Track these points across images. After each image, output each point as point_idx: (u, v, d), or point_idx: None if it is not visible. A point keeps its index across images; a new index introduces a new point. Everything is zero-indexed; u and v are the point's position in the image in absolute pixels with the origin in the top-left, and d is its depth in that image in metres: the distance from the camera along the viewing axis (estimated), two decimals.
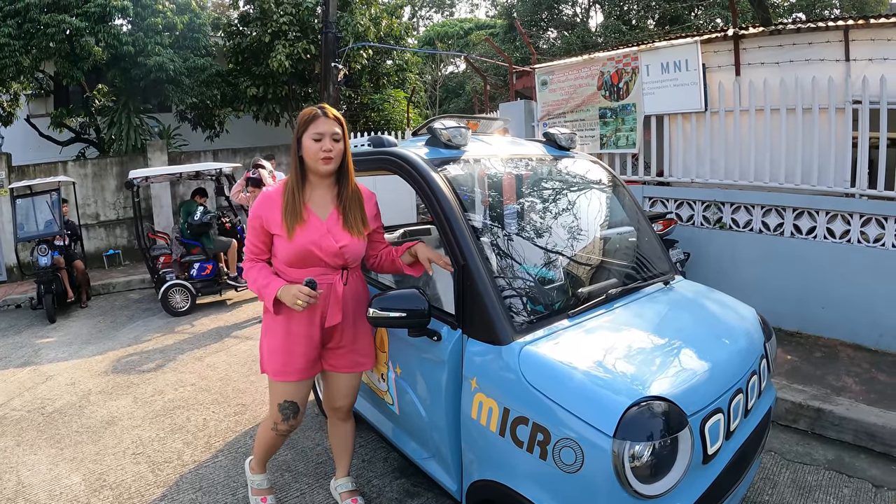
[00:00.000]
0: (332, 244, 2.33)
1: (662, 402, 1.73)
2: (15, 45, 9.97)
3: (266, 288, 2.33)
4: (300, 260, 2.34)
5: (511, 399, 1.92)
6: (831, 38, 4.96)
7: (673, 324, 2.32)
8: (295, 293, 2.20)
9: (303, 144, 2.32)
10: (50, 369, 5.40)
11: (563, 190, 2.88)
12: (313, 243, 2.30)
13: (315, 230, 2.32)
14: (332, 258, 2.35)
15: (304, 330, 2.41)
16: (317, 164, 2.30)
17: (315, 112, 2.32)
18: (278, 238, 2.36)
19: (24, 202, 8.12)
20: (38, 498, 3.21)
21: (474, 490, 2.15)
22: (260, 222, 2.37)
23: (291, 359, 2.43)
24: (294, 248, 2.30)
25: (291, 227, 2.29)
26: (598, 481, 1.68)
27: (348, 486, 2.90)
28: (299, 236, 2.30)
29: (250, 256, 2.46)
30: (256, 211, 2.39)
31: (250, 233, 2.43)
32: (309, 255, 2.32)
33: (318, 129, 2.28)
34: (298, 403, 2.54)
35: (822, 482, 3.09)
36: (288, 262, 2.37)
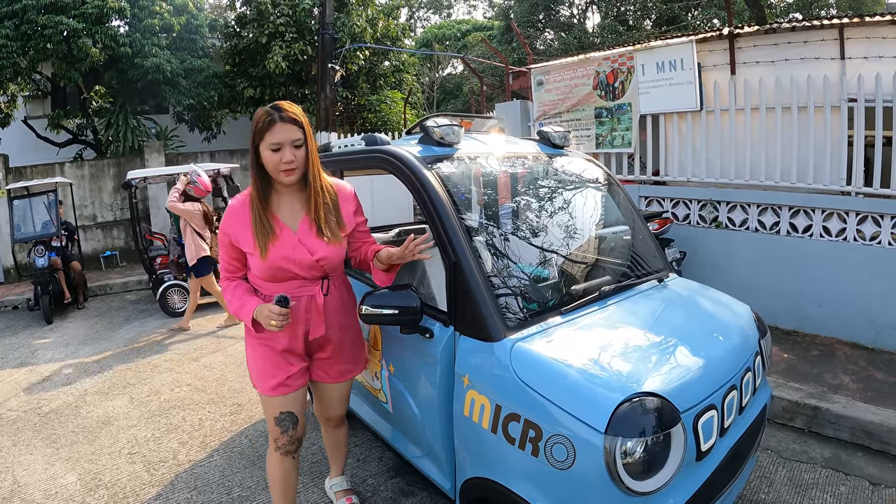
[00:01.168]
0: (306, 257, 2.17)
1: (655, 398, 1.72)
2: (12, 47, 9.97)
3: (242, 309, 2.18)
4: (274, 276, 2.19)
5: (503, 396, 1.92)
6: (826, 37, 4.98)
7: (666, 321, 2.31)
8: (267, 314, 2.05)
9: (261, 155, 2.09)
10: (46, 370, 5.39)
11: (557, 188, 2.87)
12: (286, 259, 2.14)
13: (286, 243, 2.15)
14: (308, 271, 2.20)
15: (287, 344, 2.28)
16: (278, 176, 2.10)
17: (270, 116, 2.05)
18: (250, 255, 2.18)
19: (21, 203, 8.12)
20: (33, 497, 3.20)
21: (468, 488, 2.14)
22: (229, 239, 2.19)
23: (278, 373, 2.29)
24: (266, 265, 2.14)
25: (264, 245, 2.11)
26: (589, 478, 1.67)
27: (343, 486, 2.89)
28: (271, 253, 2.12)
29: (225, 275, 2.30)
30: (224, 227, 2.20)
31: (222, 251, 2.26)
32: (282, 271, 2.17)
33: (275, 137, 2.04)
34: (295, 413, 2.37)
35: (819, 480, 3.09)
36: (262, 278, 2.21)
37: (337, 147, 3.17)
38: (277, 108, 2.06)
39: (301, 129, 2.09)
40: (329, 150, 3.18)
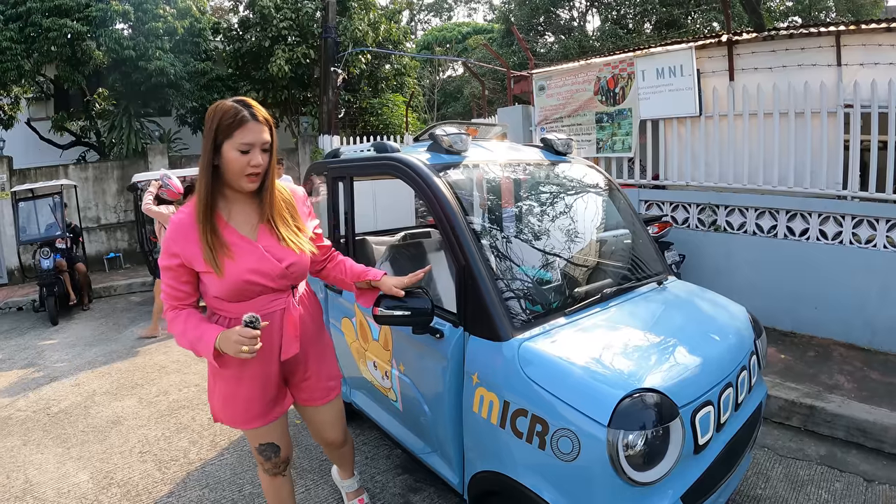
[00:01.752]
0: (274, 266, 1.95)
1: (655, 394, 1.82)
2: (17, 49, 10.07)
3: (199, 342, 1.86)
4: (240, 293, 1.93)
5: (511, 392, 2.01)
6: (823, 44, 5.07)
7: (665, 321, 2.41)
8: (236, 339, 1.76)
9: (223, 155, 1.85)
10: (54, 370, 5.46)
11: (560, 193, 2.97)
12: (253, 271, 1.91)
13: (249, 255, 1.92)
14: (277, 281, 1.98)
15: (258, 370, 2.03)
16: (240, 180, 1.88)
17: (241, 113, 1.82)
18: (205, 274, 1.90)
19: (26, 205, 8.22)
20: (46, 496, 3.27)
21: (476, 482, 2.23)
22: (178, 261, 1.89)
23: (250, 405, 2.07)
24: (229, 282, 1.88)
25: (220, 262, 1.86)
26: (594, 469, 1.76)
27: (354, 486, 2.87)
28: (231, 268, 1.88)
29: (171, 304, 1.96)
30: (171, 247, 1.89)
31: (165, 275, 1.92)
32: (250, 285, 1.92)
33: (247, 137, 1.82)
34: (276, 442, 2.21)
35: (815, 476, 3.16)
36: (226, 298, 1.94)
37: (347, 153, 3.25)
38: (246, 104, 1.85)
39: (270, 132, 1.90)
40: (338, 157, 3.27)
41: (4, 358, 6.01)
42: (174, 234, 1.89)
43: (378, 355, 2.88)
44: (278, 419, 2.19)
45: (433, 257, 3.64)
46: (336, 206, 3.23)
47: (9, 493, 3.31)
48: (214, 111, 1.84)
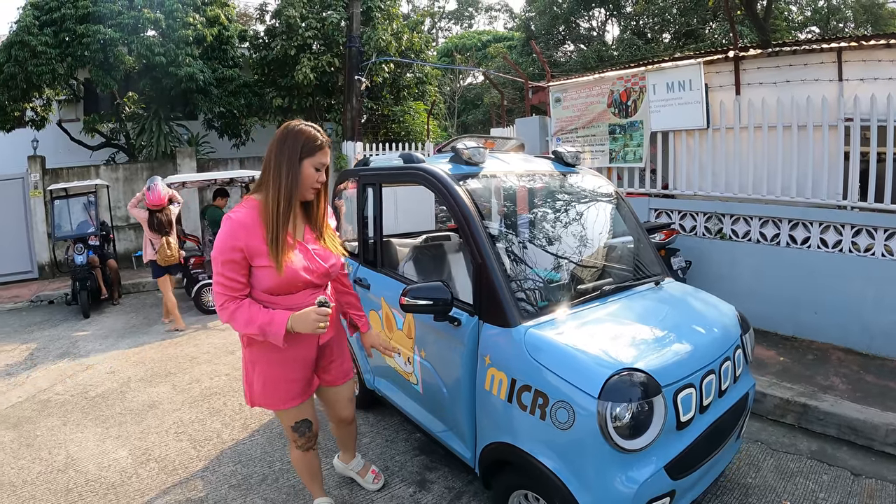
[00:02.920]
0: (319, 265, 2.30)
1: (640, 373, 2.11)
2: (51, 53, 10.44)
3: (271, 325, 2.13)
4: (289, 286, 2.23)
5: (518, 371, 2.32)
6: (825, 59, 5.28)
7: (657, 315, 2.69)
8: (315, 317, 2.12)
9: (303, 171, 2.21)
10: (89, 359, 5.75)
11: (568, 201, 3.26)
12: (304, 269, 2.24)
13: (300, 254, 2.26)
14: (322, 279, 2.34)
15: (300, 353, 2.38)
16: (306, 192, 2.24)
17: (321, 141, 2.24)
18: (262, 269, 2.18)
19: (60, 203, 8.57)
20: (87, 469, 3.55)
21: (487, 453, 2.53)
22: (242, 255, 2.15)
23: (291, 386, 2.40)
24: (286, 278, 2.18)
25: (282, 255, 2.16)
26: (586, 436, 2.05)
27: (361, 463, 3.18)
28: (288, 266, 2.18)
29: (229, 295, 2.18)
30: (234, 243, 2.14)
31: (226, 268, 2.15)
32: (299, 279, 2.23)
33: (324, 159, 2.24)
34: (309, 419, 2.55)
35: (804, 469, 3.34)
36: (274, 291, 2.22)
37: (376, 161, 3.57)
38: (321, 131, 2.26)
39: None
40: (368, 164, 3.58)
41: (40, 347, 6.33)
42: (238, 230, 2.15)
43: (402, 343, 3.20)
44: (310, 398, 2.56)
45: (452, 258, 3.95)
46: (365, 210, 3.56)
47: (51, 467, 3.60)
48: (297, 132, 2.21)
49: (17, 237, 10.79)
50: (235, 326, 2.20)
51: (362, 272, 3.64)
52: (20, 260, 10.84)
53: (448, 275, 3.82)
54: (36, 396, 4.82)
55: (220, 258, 2.15)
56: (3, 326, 7.48)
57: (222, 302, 2.19)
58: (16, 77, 10.44)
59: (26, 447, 3.90)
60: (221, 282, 2.17)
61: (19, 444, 3.95)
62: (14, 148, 12.20)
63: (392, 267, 3.70)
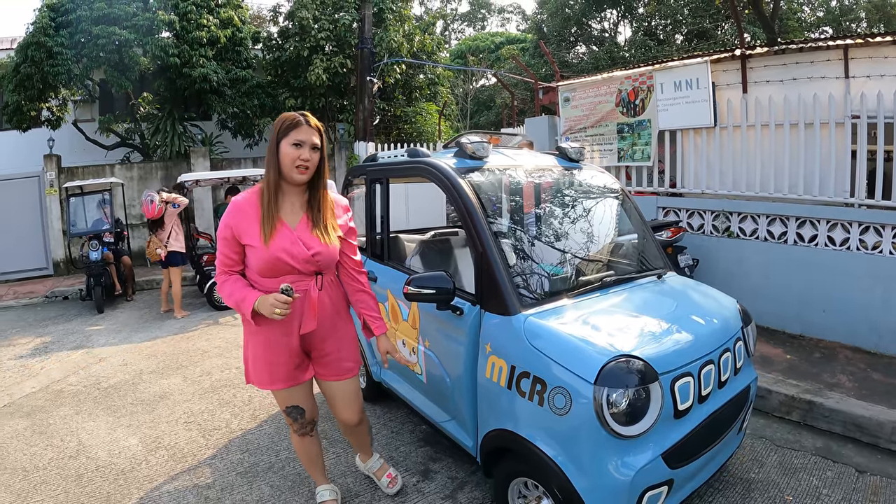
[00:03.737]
0: (302, 251, 2.31)
1: (637, 360, 2.13)
2: (67, 54, 10.64)
3: (243, 302, 2.27)
4: (272, 269, 2.30)
5: (517, 358, 2.36)
6: (832, 57, 5.27)
7: (657, 306, 2.71)
8: (272, 302, 2.17)
9: (280, 150, 2.29)
10: (102, 352, 5.88)
11: (571, 195, 3.29)
12: (284, 251, 2.28)
13: (285, 238, 2.30)
14: (303, 265, 2.34)
15: (282, 339, 2.41)
16: (292, 172, 2.29)
17: (297, 118, 2.30)
18: (250, 248, 2.30)
19: (76, 201, 8.71)
20: (98, 455, 3.65)
21: (487, 440, 2.57)
22: (231, 232, 2.31)
23: (274, 368, 2.44)
24: (266, 256, 2.26)
25: (268, 235, 2.26)
26: (582, 421, 2.09)
27: (378, 464, 3.12)
28: (272, 244, 2.27)
29: (222, 269, 2.39)
30: (227, 220, 2.32)
31: (221, 244, 2.35)
32: (280, 263, 2.29)
33: (300, 136, 2.27)
34: (301, 406, 2.59)
35: (808, 465, 3.34)
36: (260, 272, 2.32)
37: (383, 158, 3.62)
38: (303, 114, 2.32)
39: (320, 137, 2.35)
40: (376, 161, 3.64)
41: (54, 340, 6.48)
42: (232, 211, 2.32)
43: (407, 334, 3.25)
44: (301, 385, 2.56)
45: (459, 252, 4.00)
46: (373, 205, 3.62)
47: (63, 453, 3.70)
48: (278, 120, 2.33)
49: (32, 234, 10.99)
50: (223, 297, 2.38)
51: (370, 265, 3.69)
52: (36, 256, 11.03)
53: (454, 268, 3.87)
54: (49, 387, 4.93)
55: (218, 235, 2.37)
56: (19, 321, 7.63)
57: (217, 273, 2.40)
58: (32, 77, 10.63)
59: (39, 434, 4.00)
60: (219, 256, 2.38)
61: (32, 432, 4.04)
62: (30, 147, 12.40)
63: (399, 261, 3.76)
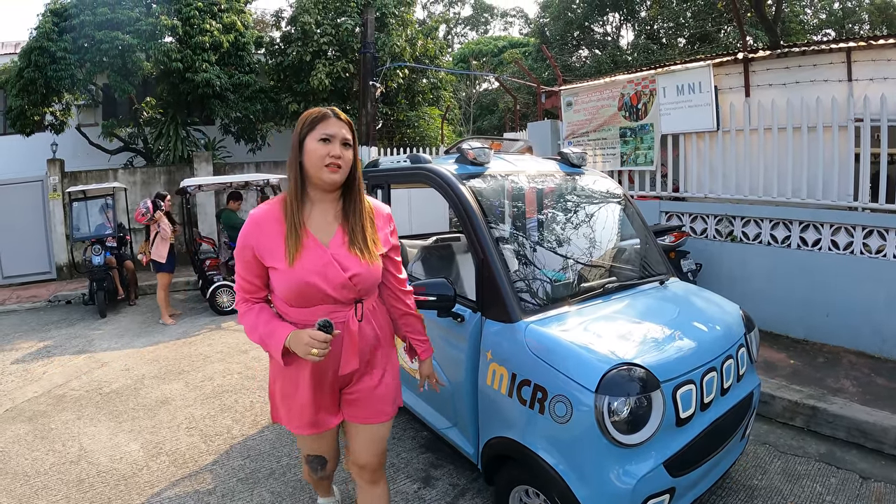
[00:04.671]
0: (338, 274, 1.91)
1: (638, 368, 2.12)
2: (70, 59, 10.71)
3: (270, 338, 1.91)
4: (301, 296, 1.92)
5: (518, 366, 2.35)
6: (834, 60, 5.25)
7: (659, 312, 2.70)
8: (308, 341, 1.79)
9: (305, 148, 1.92)
10: (104, 357, 5.89)
11: (573, 201, 3.28)
12: (317, 274, 1.89)
13: (317, 258, 1.90)
14: (340, 291, 1.93)
15: (315, 379, 2.01)
16: (321, 172, 1.90)
17: (324, 112, 1.94)
18: (274, 272, 1.92)
19: (79, 205, 8.77)
20: (99, 461, 3.64)
21: (488, 448, 2.56)
22: (252, 253, 1.93)
23: (304, 411, 2.05)
24: (293, 281, 1.89)
25: (293, 254, 1.88)
26: (583, 430, 2.08)
27: None
28: (299, 265, 1.88)
29: (243, 296, 2.02)
30: (245, 239, 1.95)
31: (240, 267, 1.99)
32: (311, 289, 1.90)
33: (328, 129, 1.90)
34: (325, 456, 2.29)
35: (811, 471, 3.32)
36: (287, 300, 1.95)
37: (384, 163, 3.62)
38: (331, 109, 1.98)
39: (351, 132, 1.98)
40: (377, 166, 3.64)
41: (56, 345, 6.48)
42: (250, 227, 1.94)
43: None
44: (329, 431, 2.18)
45: (461, 258, 3.99)
46: None
47: (64, 458, 3.70)
48: (300, 118, 1.97)
49: (36, 239, 11.03)
50: (245, 330, 2.02)
51: None
52: (39, 261, 11.07)
53: (456, 275, 3.86)
54: (51, 391, 4.93)
55: (237, 256, 2.00)
56: (22, 325, 7.65)
57: (238, 301, 2.05)
58: (36, 82, 10.67)
59: (41, 439, 4.00)
60: (238, 281, 2.02)
61: (34, 437, 4.05)
62: (34, 151, 12.48)
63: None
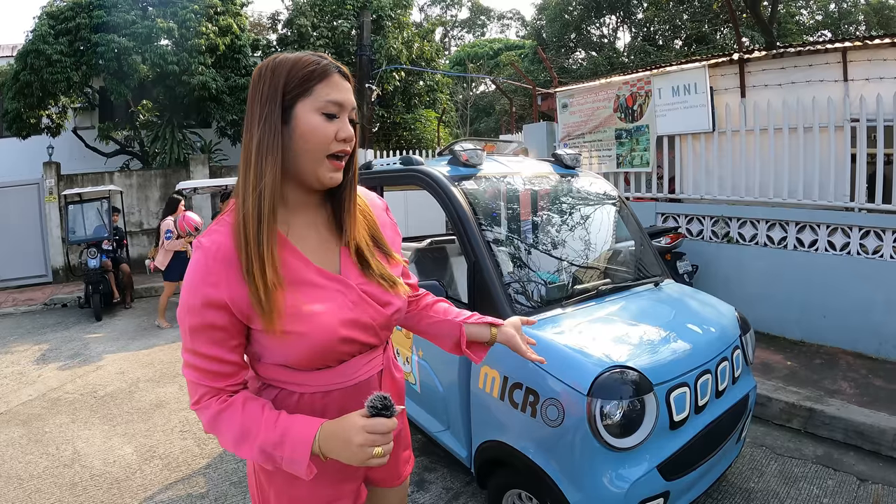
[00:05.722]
0: (378, 314, 1.29)
1: (631, 371, 2.10)
2: (66, 62, 10.66)
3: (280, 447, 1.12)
4: (324, 358, 1.22)
5: (510, 369, 2.32)
6: (830, 60, 5.24)
7: (652, 315, 2.68)
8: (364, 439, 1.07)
9: (296, 122, 1.16)
10: (99, 360, 5.87)
11: (566, 203, 3.26)
12: (347, 323, 1.22)
13: (339, 297, 1.23)
14: (379, 335, 1.32)
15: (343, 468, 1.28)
16: (320, 166, 1.19)
17: (325, 64, 1.19)
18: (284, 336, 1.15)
19: (74, 208, 8.73)
20: (93, 464, 3.64)
21: (480, 451, 2.53)
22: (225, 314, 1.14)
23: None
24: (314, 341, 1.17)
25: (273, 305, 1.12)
26: (575, 433, 2.05)
27: None
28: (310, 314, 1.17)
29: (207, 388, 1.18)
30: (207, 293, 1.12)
31: (198, 339, 1.15)
32: (335, 347, 1.21)
33: (334, 94, 1.18)
34: None
35: (808, 474, 3.30)
36: (296, 366, 1.22)
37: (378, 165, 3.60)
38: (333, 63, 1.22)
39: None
40: (370, 168, 3.62)
41: (52, 348, 6.46)
42: (207, 268, 1.14)
43: (400, 343, 3.22)
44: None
45: (454, 261, 3.97)
46: None
47: (58, 462, 3.69)
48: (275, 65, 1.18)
49: (32, 241, 11.02)
50: (222, 442, 1.20)
51: None
52: (35, 264, 11.05)
53: (450, 277, 3.85)
54: (46, 395, 4.91)
55: (186, 321, 1.15)
56: (17, 328, 7.62)
57: (197, 398, 1.19)
58: (31, 85, 10.65)
59: (35, 443, 3.98)
60: (192, 363, 1.18)
61: (28, 440, 4.03)
62: (30, 154, 12.42)
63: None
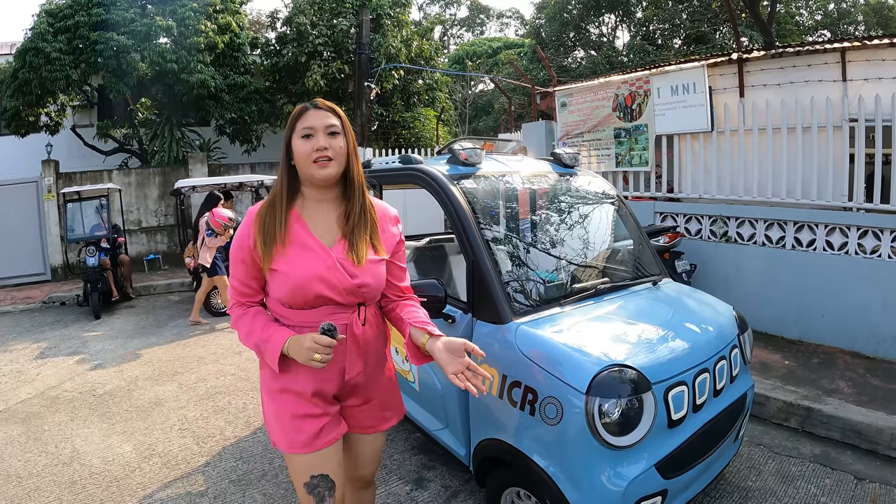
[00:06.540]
0: (345, 280, 1.77)
1: (629, 369, 2.11)
2: (65, 60, 10.68)
3: (267, 342, 1.76)
4: (302, 298, 1.76)
5: (508, 367, 2.33)
6: (829, 60, 5.25)
7: (651, 314, 2.69)
8: (310, 346, 1.65)
9: (294, 150, 1.78)
10: (98, 358, 5.88)
11: (564, 201, 3.27)
12: (318, 278, 1.74)
13: (320, 261, 1.76)
14: (345, 296, 1.80)
15: (318, 387, 1.83)
16: (311, 169, 1.76)
17: (302, 106, 1.82)
18: (274, 273, 1.77)
19: (73, 206, 8.74)
20: (92, 462, 3.65)
21: (479, 450, 2.54)
22: (249, 252, 1.79)
23: (300, 424, 1.81)
24: (293, 284, 1.74)
25: (268, 251, 1.75)
26: (574, 431, 2.06)
27: None
28: (299, 268, 1.75)
29: (237, 300, 1.87)
30: (242, 238, 1.81)
31: (236, 268, 1.84)
32: (310, 291, 1.75)
33: (307, 122, 1.76)
34: (331, 476, 1.84)
35: (806, 473, 3.30)
36: (286, 301, 1.79)
37: (377, 164, 3.61)
38: (312, 101, 1.84)
39: (337, 118, 1.80)
40: (370, 167, 3.63)
41: (51, 346, 6.47)
42: (247, 224, 1.82)
43: (399, 342, 3.19)
44: (334, 445, 1.87)
45: (453, 259, 3.98)
46: None
47: (57, 460, 3.70)
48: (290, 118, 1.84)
49: (30, 239, 11.01)
50: (239, 336, 1.86)
51: None
52: (33, 262, 11.04)
53: (449, 276, 3.86)
54: (45, 393, 4.91)
55: (232, 256, 1.84)
56: (16, 326, 7.62)
57: (231, 305, 1.90)
58: (30, 83, 10.67)
59: (34, 441, 3.99)
60: (233, 283, 1.87)
61: (27, 438, 4.03)
62: (28, 152, 12.42)
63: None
